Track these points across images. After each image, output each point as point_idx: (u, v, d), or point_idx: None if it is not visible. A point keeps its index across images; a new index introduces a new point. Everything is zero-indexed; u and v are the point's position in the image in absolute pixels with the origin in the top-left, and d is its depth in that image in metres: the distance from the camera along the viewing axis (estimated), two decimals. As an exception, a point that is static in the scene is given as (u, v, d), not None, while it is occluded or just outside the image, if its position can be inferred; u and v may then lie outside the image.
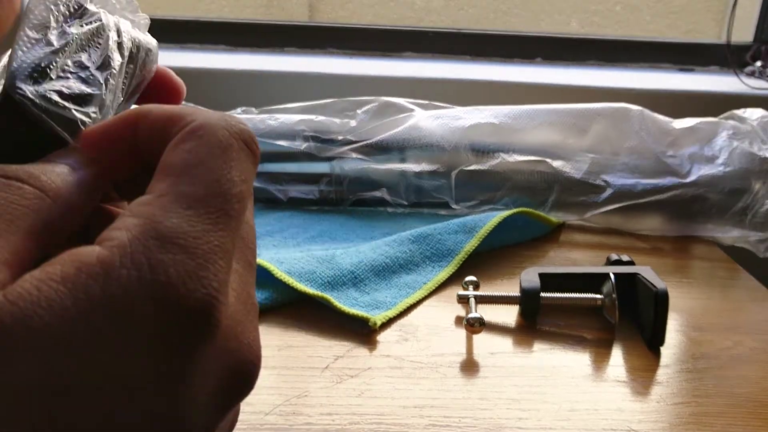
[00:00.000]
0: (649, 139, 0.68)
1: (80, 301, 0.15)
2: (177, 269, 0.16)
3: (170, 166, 0.18)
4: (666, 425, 0.40)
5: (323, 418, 0.39)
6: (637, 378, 0.44)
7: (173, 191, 0.17)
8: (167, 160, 0.18)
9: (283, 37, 1.04)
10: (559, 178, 0.68)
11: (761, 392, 0.43)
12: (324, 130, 0.71)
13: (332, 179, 0.70)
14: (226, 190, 0.18)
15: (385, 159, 0.70)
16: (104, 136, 0.20)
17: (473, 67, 0.98)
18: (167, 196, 0.17)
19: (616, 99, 0.72)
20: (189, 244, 0.16)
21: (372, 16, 1.09)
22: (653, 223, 0.68)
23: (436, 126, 0.70)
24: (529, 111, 0.71)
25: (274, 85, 0.89)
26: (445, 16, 1.08)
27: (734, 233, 0.66)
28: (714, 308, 0.54)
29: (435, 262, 0.57)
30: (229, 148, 0.18)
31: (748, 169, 0.66)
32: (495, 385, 0.43)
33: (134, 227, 0.16)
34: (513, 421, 0.39)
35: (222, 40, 1.03)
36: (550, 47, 1.03)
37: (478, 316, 0.46)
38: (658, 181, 0.67)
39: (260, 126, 0.71)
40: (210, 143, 0.18)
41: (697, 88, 0.90)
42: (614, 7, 1.07)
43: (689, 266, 0.63)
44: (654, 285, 0.47)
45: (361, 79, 0.89)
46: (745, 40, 1.00)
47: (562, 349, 0.47)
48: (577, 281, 0.51)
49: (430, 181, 0.69)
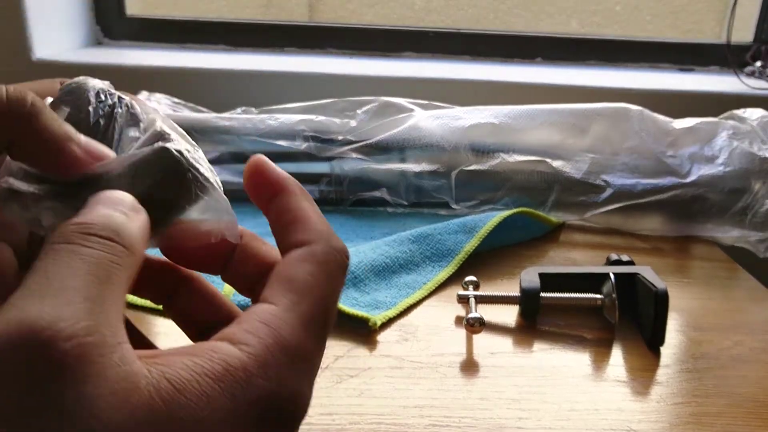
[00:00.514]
0: (649, 139, 0.68)
1: (228, 402, 0.17)
2: (297, 384, 0.19)
3: (293, 282, 0.21)
4: (666, 425, 0.40)
5: (323, 418, 0.39)
6: (637, 378, 0.44)
7: (297, 310, 0.20)
8: (290, 273, 0.21)
9: (283, 37, 1.04)
10: (559, 178, 0.68)
11: (761, 392, 0.43)
12: (324, 130, 0.71)
13: (332, 179, 0.70)
14: (331, 315, 0.21)
15: (385, 159, 0.70)
16: (264, 179, 0.24)
17: (473, 67, 0.98)
18: (292, 313, 0.20)
19: (616, 99, 0.72)
20: (307, 364, 0.20)
21: (372, 16, 1.09)
22: (653, 223, 0.68)
23: (436, 126, 0.70)
24: (529, 111, 0.71)
25: (274, 85, 0.89)
26: (445, 16, 1.08)
27: (734, 233, 0.66)
28: (714, 308, 0.54)
29: (435, 262, 0.57)
30: (340, 277, 0.22)
31: (748, 169, 0.66)
32: (495, 385, 0.43)
33: (267, 337, 0.19)
34: (513, 421, 0.39)
35: (222, 40, 1.03)
36: (550, 47, 1.03)
37: (478, 316, 0.46)
38: (658, 181, 0.67)
39: (260, 126, 0.71)
40: (328, 272, 0.22)
41: (697, 88, 0.90)
42: (614, 7, 1.07)
43: (689, 266, 0.63)
44: (654, 285, 0.47)
45: (361, 79, 0.89)
46: (745, 40, 1.00)
47: (562, 349, 0.47)
48: (577, 281, 0.51)
49: (430, 181, 0.69)
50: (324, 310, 0.21)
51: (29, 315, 0.16)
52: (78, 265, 0.17)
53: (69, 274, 0.17)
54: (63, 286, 0.17)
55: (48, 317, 0.16)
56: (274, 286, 0.21)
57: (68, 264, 0.17)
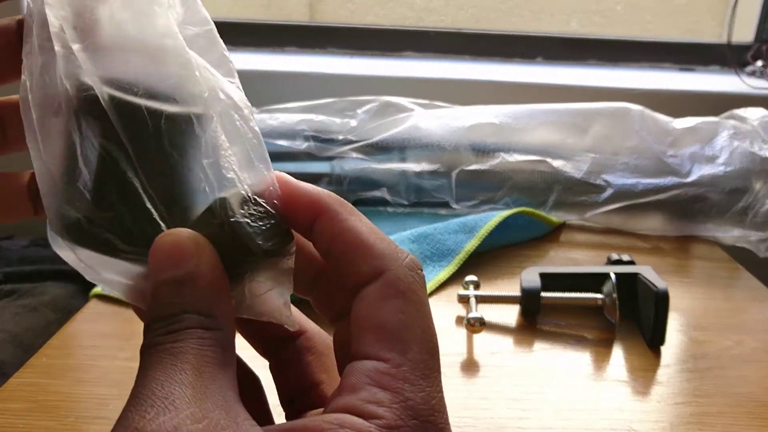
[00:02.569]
0: (650, 139, 0.68)
1: None
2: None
3: (388, 329, 0.19)
4: (666, 425, 0.40)
5: (323, 418, 0.39)
6: (637, 378, 0.44)
7: (408, 361, 0.19)
8: (379, 318, 0.19)
9: (283, 37, 1.04)
10: (559, 178, 0.67)
11: (762, 392, 0.43)
12: (324, 129, 0.71)
13: (332, 179, 0.70)
14: (436, 351, 0.20)
15: (385, 159, 0.70)
16: (293, 201, 0.21)
17: (473, 67, 0.98)
18: (404, 367, 0.18)
19: (616, 99, 0.72)
20: (437, 420, 0.18)
21: (372, 16, 1.09)
22: (654, 222, 0.68)
23: (436, 126, 0.70)
24: (530, 111, 0.71)
25: (274, 85, 0.89)
26: (445, 16, 1.08)
27: (735, 233, 0.66)
28: (714, 308, 0.54)
29: (435, 262, 0.57)
30: (425, 296, 0.20)
31: (748, 168, 0.66)
32: (495, 384, 0.43)
33: (392, 404, 0.18)
34: (513, 420, 0.39)
35: (222, 40, 1.03)
36: (550, 47, 1.03)
37: (479, 315, 0.46)
38: (658, 180, 0.67)
39: (260, 126, 0.71)
40: (415, 300, 0.20)
41: (697, 88, 0.90)
42: (615, 7, 1.07)
43: (690, 266, 0.63)
44: (654, 285, 0.47)
45: (361, 79, 0.89)
46: (746, 39, 1.00)
47: (563, 348, 0.47)
48: (578, 281, 0.51)
49: (431, 181, 0.69)
50: (429, 344, 0.19)
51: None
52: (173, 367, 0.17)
53: (170, 380, 0.17)
54: (167, 395, 0.17)
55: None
56: (368, 337, 0.19)
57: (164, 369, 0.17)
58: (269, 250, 0.20)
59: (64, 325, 0.49)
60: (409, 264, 0.20)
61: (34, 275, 0.72)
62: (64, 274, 0.72)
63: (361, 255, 0.20)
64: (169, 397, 0.17)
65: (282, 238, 0.21)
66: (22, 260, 0.77)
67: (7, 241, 0.82)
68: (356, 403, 0.18)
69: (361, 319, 0.20)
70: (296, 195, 0.21)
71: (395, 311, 0.19)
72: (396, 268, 0.20)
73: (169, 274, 0.19)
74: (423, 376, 0.19)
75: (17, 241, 0.82)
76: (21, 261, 0.77)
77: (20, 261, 0.77)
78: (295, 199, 0.21)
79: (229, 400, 0.17)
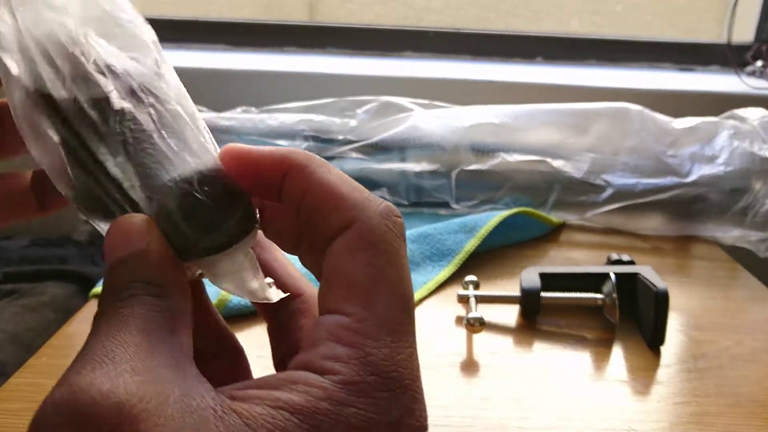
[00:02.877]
0: (650, 139, 0.68)
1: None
2: (398, 408, 0.17)
3: (354, 282, 0.18)
4: (666, 425, 0.40)
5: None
6: (637, 377, 0.44)
7: (372, 315, 0.18)
8: (346, 271, 0.18)
9: (283, 37, 1.04)
10: (559, 178, 0.67)
11: (762, 392, 0.43)
12: (324, 129, 0.71)
13: (332, 179, 0.70)
14: (410, 306, 0.19)
15: (385, 159, 0.70)
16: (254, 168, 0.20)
17: (473, 67, 0.98)
18: (368, 322, 0.18)
19: (616, 99, 0.72)
20: (401, 377, 0.17)
21: (372, 16, 1.09)
22: (654, 222, 0.68)
23: (436, 126, 0.70)
24: (530, 111, 0.71)
25: (274, 85, 0.89)
26: (445, 16, 1.08)
27: (735, 233, 0.66)
28: (714, 308, 0.54)
29: (435, 262, 0.57)
30: (400, 245, 0.19)
31: (748, 168, 0.66)
32: (495, 384, 0.43)
33: (350, 360, 0.17)
34: (514, 420, 0.39)
35: (222, 40, 1.03)
36: (550, 47, 1.03)
37: (479, 315, 0.46)
38: (658, 180, 0.67)
39: (260, 126, 0.71)
40: (386, 250, 0.18)
41: (697, 88, 0.90)
42: (615, 7, 1.07)
43: (690, 266, 0.63)
44: (654, 285, 0.47)
45: (361, 79, 0.89)
46: (746, 39, 1.00)
47: (563, 348, 0.47)
48: (578, 281, 0.51)
49: (431, 181, 0.69)
50: (401, 298, 0.18)
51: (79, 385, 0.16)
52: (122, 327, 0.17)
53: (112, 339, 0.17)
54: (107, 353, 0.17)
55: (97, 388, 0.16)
56: (334, 290, 0.18)
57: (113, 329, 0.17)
58: (229, 227, 0.20)
59: (63, 325, 0.49)
60: (383, 212, 0.19)
61: (34, 275, 0.72)
62: (63, 274, 0.73)
63: (331, 207, 0.19)
64: (109, 354, 0.16)
65: (243, 212, 0.21)
66: (22, 260, 0.77)
67: (7, 241, 0.82)
68: (313, 359, 0.17)
69: (329, 273, 0.19)
70: (256, 159, 0.20)
71: (363, 263, 0.18)
72: (366, 217, 0.19)
73: (122, 253, 0.19)
74: (389, 332, 0.18)
75: (17, 241, 0.82)
76: (21, 261, 0.77)
77: (20, 261, 0.77)
78: (256, 163, 0.20)
79: (181, 360, 0.17)
